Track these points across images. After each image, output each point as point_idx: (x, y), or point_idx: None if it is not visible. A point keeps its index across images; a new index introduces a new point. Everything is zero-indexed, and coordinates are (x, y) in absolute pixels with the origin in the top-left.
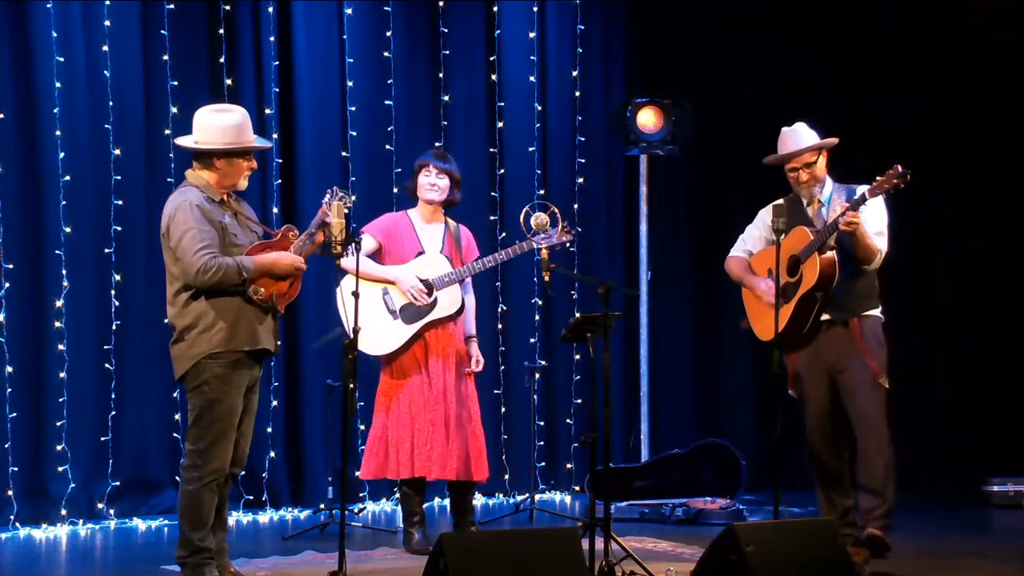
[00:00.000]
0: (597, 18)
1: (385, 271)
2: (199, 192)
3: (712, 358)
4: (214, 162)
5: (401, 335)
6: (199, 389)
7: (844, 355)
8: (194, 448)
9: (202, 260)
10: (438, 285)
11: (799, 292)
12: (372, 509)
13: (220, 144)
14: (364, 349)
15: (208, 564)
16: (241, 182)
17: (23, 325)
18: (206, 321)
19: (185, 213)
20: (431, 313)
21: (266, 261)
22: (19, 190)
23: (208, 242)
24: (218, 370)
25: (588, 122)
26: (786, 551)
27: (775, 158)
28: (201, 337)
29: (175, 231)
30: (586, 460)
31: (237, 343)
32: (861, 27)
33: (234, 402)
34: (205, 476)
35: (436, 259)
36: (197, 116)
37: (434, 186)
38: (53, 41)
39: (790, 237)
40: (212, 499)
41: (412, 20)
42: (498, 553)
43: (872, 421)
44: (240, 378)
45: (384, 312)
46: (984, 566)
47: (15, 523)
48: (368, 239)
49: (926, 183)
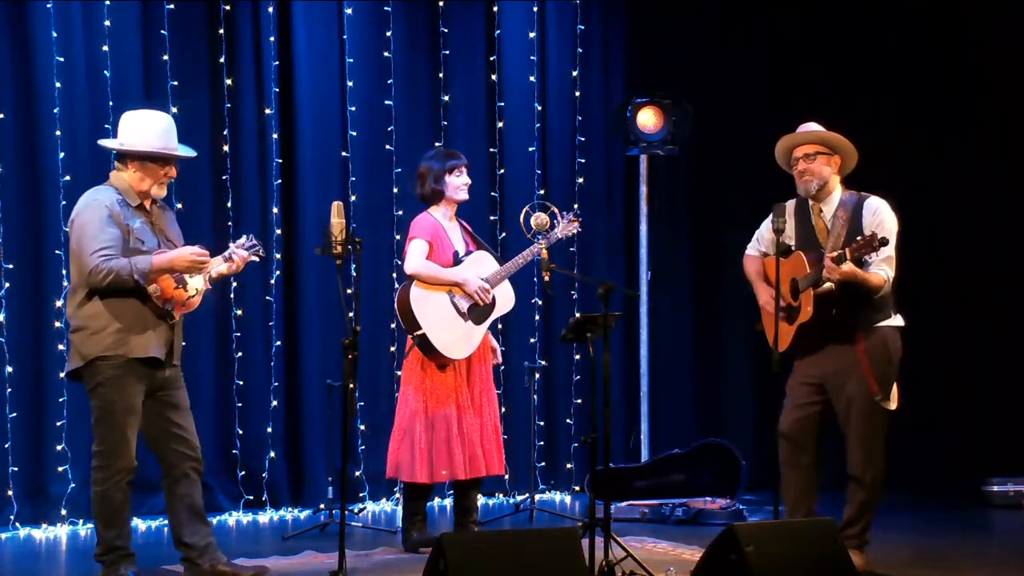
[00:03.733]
0: (597, 18)
1: (451, 273)
2: (115, 193)
3: (712, 358)
4: (129, 165)
5: (476, 336)
6: (96, 391)
7: (845, 370)
8: (98, 449)
9: (95, 262)
10: (492, 283)
11: (798, 321)
12: (372, 509)
13: (142, 147)
14: (448, 353)
15: (122, 561)
16: (156, 189)
17: (23, 325)
18: (98, 323)
19: (92, 212)
20: (494, 311)
21: (163, 260)
22: (19, 190)
23: (108, 244)
24: (110, 372)
25: (588, 122)
26: (786, 551)
27: (783, 141)
28: (92, 339)
29: (77, 229)
30: (586, 460)
31: (126, 349)
32: (862, 27)
33: (132, 403)
34: (112, 476)
35: (484, 257)
36: (123, 118)
37: (467, 185)
38: (53, 41)
39: (790, 260)
40: (122, 498)
41: (412, 20)
42: (498, 553)
43: (863, 444)
44: (136, 380)
45: (455, 315)
46: (984, 566)
47: (15, 523)
48: (423, 243)
49: (927, 183)
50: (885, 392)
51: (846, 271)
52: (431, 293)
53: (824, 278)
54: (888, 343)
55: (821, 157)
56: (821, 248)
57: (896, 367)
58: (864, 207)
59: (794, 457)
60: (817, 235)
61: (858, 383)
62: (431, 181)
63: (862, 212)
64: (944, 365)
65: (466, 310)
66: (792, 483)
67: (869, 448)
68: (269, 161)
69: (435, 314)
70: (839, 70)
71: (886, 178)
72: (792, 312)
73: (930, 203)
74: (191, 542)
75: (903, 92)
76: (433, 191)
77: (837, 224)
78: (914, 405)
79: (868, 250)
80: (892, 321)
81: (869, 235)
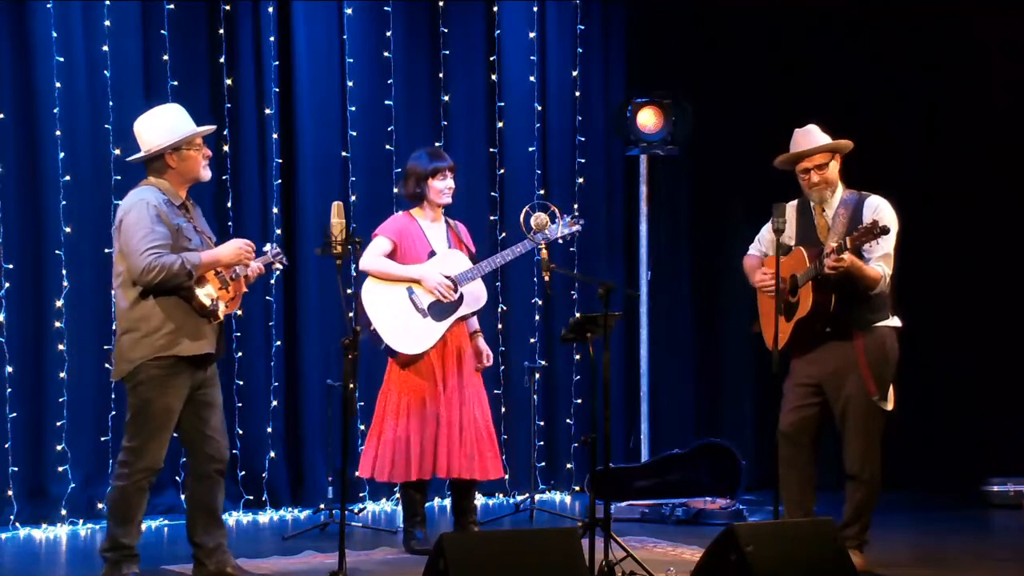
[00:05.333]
0: (597, 18)
1: (409, 270)
2: (159, 193)
3: (712, 358)
4: (167, 162)
5: (434, 332)
6: (135, 389)
7: (842, 370)
8: (128, 446)
9: (147, 259)
10: (461, 281)
11: (796, 317)
12: (372, 509)
13: (168, 141)
14: (400, 349)
15: (126, 560)
16: (202, 172)
17: (23, 325)
18: (149, 325)
19: (138, 212)
20: (460, 309)
21: (211, 254)
22: (19, 190)
23: (159, 242)
24: (154, 372)
25: (588, 122)
26: (786, 551)
27: (786, 157)
28: (143, 342)
29: (125, 230)
30: (586, 460)
31: (177, 349)
32: (862, 27)
33: (170, 403)
34: (135, 474)
35: (454, 256)
36: (137, 126)
37: (450, 189)
38: (53, 41)
39: (790, 256)
40: (140, 497)
41: (412, 20)
42: (498, 553)
43: (861, 444)
44: (179, 381)
45: (413, 311)
46: (984, 566)
47: (15, 523)
48: (384, 240)
49: (927, 183)
50: (882, 392)
51: (846, 260)
52: (386, 288)
53: (825, 266)
54: (886, 343)
55: (831, 163)
56: (822, 246)
57: (894, 368)
58: (865, 205)
59: (793, 457)
60: (818, 233)
61: (856, 383)
62: (413, 184)
63: (863, 210)
64: (944, 365)
65: (425, 307)
66: (791, 483)
67: (866, 448)
68: (269, 161)
69: (388, 309)
70: (839, 70)
71: (886, 178)
72: (790, 308)
73: (930, 204)
74: (201, 542)
75: (903, 92)
76: (415, 193)
77: (839, 222)
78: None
79: (869, 238)
80: (890, 322)
81: (870, 223)
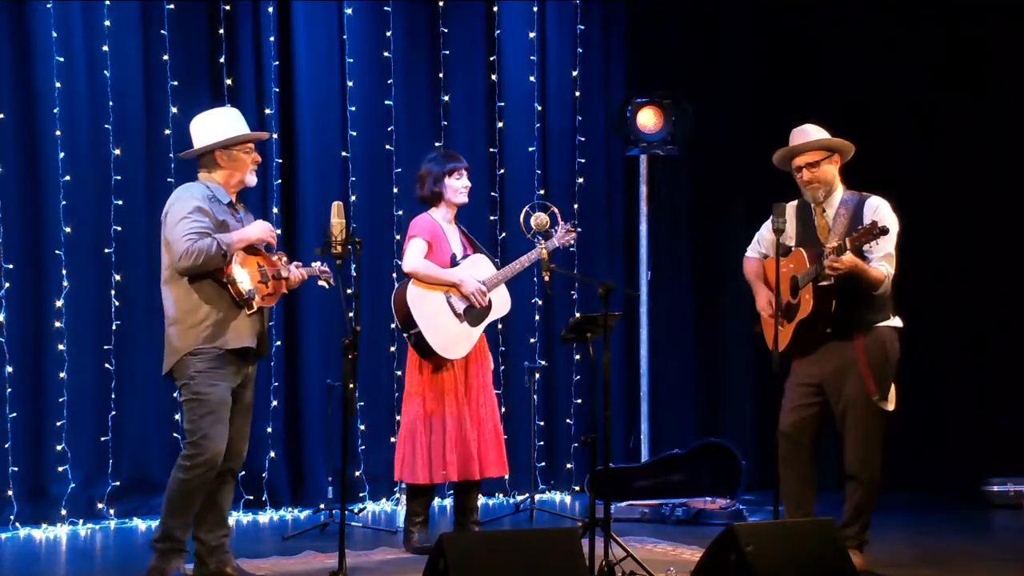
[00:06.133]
0: (597, 18)
1: (448, 274)
2: (206, 189)
3: (712, 358)
4: (216, 160)
5: (472, 337)
6: (187, 385)
7: (843, 370)
8: (190, 440)
9: (184, 245)
10: (489, 286)
11: (797, 317)
12: (372, 509)
13: (218, 139)
14: (446, 354)
15: (174, 555)
16: (249, 177)
17: (23, 325)
18: (195, 317)
19: (182, 204)
20: (491, 314)
21: (239, 235)
22: (19, 190)
23: (195, 229)
24: (202, 365)
25: (588, 122)
26: (786, 551)
27: (779, 153)
28: (190, 332)
29: (171, 219)
30: (586, 460)
31: (222, 341)
32: (862, 27)
33: (224, 393)
34: (199, 466)
35: (481, 261)
36: (193, 124)
37: (467, 188)
38: (53, 41)
39: (791, 257)
40: (200, 492)
41: (412, 20)
42: (498, 553)
43: (861, 444)
44: (226, 371)
45: (452, 316)
46: (984, 566)
47: (15, 523)
48: (422, 242)
49: (927, 184)
50: (883, 392)
51: (847, 261)
52: (428, 292)
53: (826, 267)
54: (886, 344)
55: (824, 162)
56: (822, 246)
57: (894, 368)
58: (865, 206)
59: (793, 457)
60: (819, 234)
61: (856, 383)
62: (430, 184)
63: (863, 211)
64: (944, 365)
65: (462, 311)
66: (791, 483)
67: (866, 448)
68: (269, 161)
69: (431, 313)
70: (839, 70)
71: (886, 179)
72: (791, 309)
73: (930, 204)
74: (203, 538)
75: (903, 92)
76: (432, 193)
77: (839, 223)
78: (914, 405)
79: (869, 238)
80: (890, 322)
81: (870, 223)
